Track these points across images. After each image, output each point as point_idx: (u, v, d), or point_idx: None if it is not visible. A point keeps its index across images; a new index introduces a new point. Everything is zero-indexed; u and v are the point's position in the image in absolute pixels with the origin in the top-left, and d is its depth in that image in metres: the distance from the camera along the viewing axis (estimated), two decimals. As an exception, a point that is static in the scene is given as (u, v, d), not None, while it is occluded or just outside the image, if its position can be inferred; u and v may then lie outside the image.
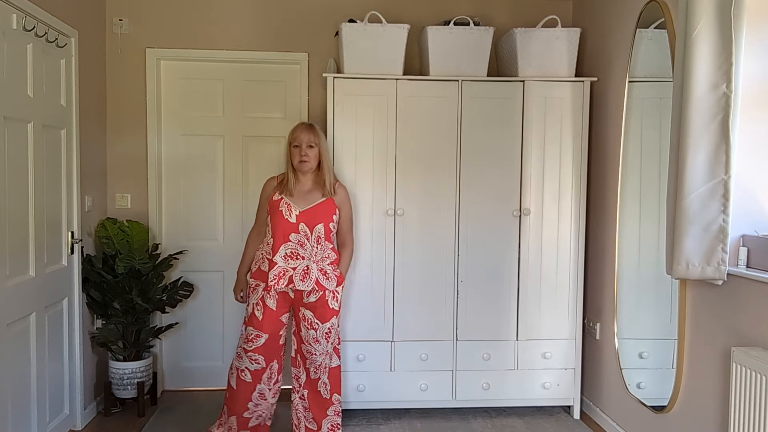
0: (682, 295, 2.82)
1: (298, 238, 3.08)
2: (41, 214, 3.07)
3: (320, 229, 3.10)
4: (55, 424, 3.24)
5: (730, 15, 2.35)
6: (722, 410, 2.53)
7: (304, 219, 3.09)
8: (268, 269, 3.09)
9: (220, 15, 3.98)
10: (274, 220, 3.10)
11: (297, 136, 3.12)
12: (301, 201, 3.12)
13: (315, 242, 3.10)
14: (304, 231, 3.08)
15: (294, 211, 3.09)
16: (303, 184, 3.16)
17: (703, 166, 2.43)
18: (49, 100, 3.15)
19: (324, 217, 3.12)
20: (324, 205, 3.13)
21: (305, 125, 3.16)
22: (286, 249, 3.08)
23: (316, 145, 3.13)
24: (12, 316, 2.79)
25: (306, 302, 3.13)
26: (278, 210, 3.10)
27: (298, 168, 3.12)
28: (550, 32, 3.58)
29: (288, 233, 3.08)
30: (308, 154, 3.11)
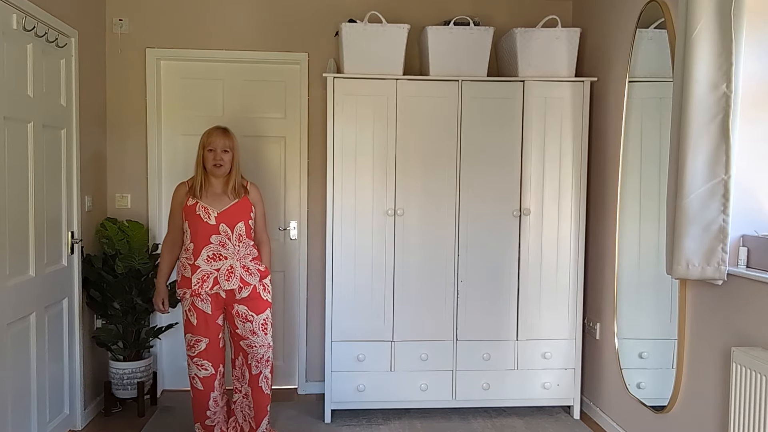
0: (682, 295, 2.82)
1: (220, 239, 3.09)
2: (41, 214, 3.07)
3: (241, 227, 3.13)
4: (55, 424, 3.24)
5: (730, 15, 2.35)
6: (722, 410, 2.53)
7: (223, 219, 3.10)
8: (191, 274, 3.09)
9: (220, 15, 3.98)
10: (193, 224, 3.09)
11: (212, 141, 3.12)
12: (216, 203, 3.13)
13: (237, 241, 3.12)
14: (225, 231, 3.10)
15: (212, 213, 3.09)
16: (215, 186, 3.16)
17: (703, 166, 2.43)
18: (49, 100, 3.15)
19: (243, 215, 3.16)
20: (240, 204, 3.17)
21: (220, 130, 3.17)
22: (208, 251, 3.08)
23: (230, 149, 3.14)
24: (12, 316, 2.79)
25: (238, 298, 3.14)
26: (195, 214, 3.09)
27: (212, 172, 3.12)
28: (550, 32, 3.58)
29: (209, 235, 3.08)
30: (223, 159, 3.11)
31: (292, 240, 4.15)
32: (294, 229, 4.14)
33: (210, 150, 3.12)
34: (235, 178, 3.17)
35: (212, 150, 3.11)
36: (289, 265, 4.17)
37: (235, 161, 3.17)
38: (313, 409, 3.83)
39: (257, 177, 4.15)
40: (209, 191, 3.15)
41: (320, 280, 4.07)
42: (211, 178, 3.16)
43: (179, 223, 3.19)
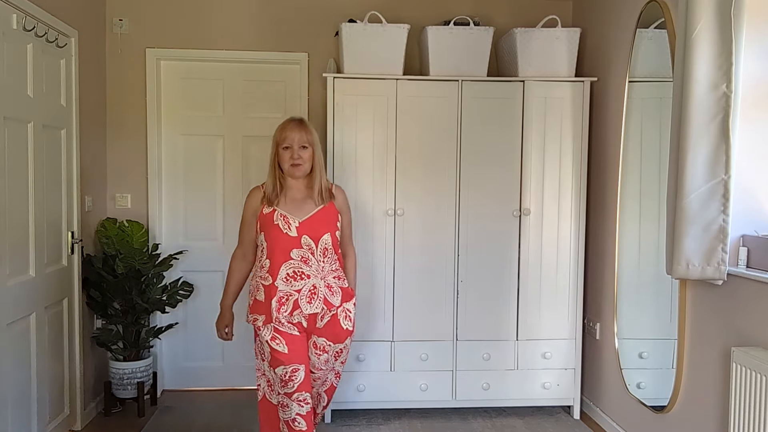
0: (682, 295, 2.81)
1: (302, 254, 2.64)
2: (41, 214, 3.07)
3: (327, 239, 2.69)
4: (55, 424, 3.24)
5: (730, 15, 2.35)
6: (722, 410, 2.53)
7: (306, 230, 2.66)
8: (266, 297, 2.64)
9: (220, 15, 3.98)
10: (271, 236, 2.65)
11: (287, 136, 2.68)
12: (298, 210, 2.70)
13: (321, 255, 2.67)
14: (308, 244, 2.65)
15: (293, 222, 2.65)
16: (294, 190, 2.74)
17: (703, 166, 2.43)
18: (49, 100, 3.15)
19: (329, 225, 2.72)
20: (325, 211, 2.74)
21: (296, 122, 2.72)
22: (288, 268, 2.63)
23: (309, 144, 2.69)
24: (12, 316, 2.79)
25: (319, 326, 2.73)
26: (273, 224, 2.65)
27: (290, 173, 2.70)
28: (550, 32, 3.58)
29: (289, 249, 2.63)
30: (302, 157, 2.68)
31: (292, 240, 4.14)
32: (294, 229, 4.14)
33: (286, 147, 2.68)
34: (320, 179, 2.72)
35: (288, 147, 2.68)
36: (289, 265, 4.16)
37: (316, 159, 2.72)
38: (313, 409, 3.83)
39: (257, 177, 4.15)
40: (288, 196, 2.71)
41: (320, 280, 4.07)
42: (289, 180, 2.72)
43: (252, 236, 2.77)
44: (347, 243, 2.91)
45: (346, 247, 2.90)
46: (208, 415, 3.71)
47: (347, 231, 2.89)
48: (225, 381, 4.16)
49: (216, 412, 3.75)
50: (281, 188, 2.71)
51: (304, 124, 2.73)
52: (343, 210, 2.84)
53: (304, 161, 2.69)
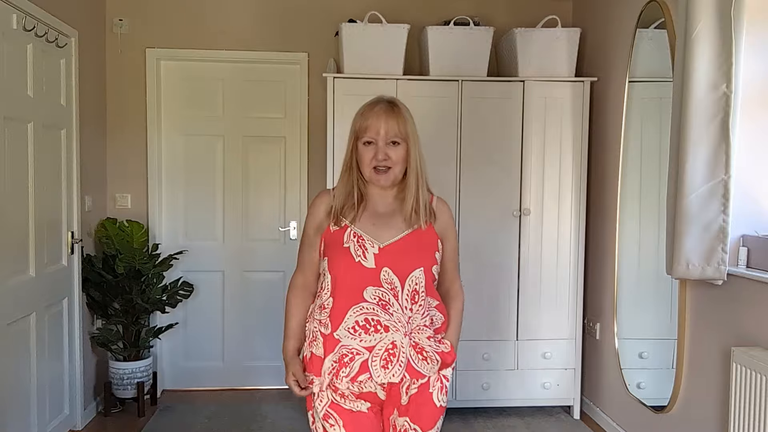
0: (682, 295, 2.81)
1: (380, 294, 1.79)
2: (41, 214, 3.07)
3: (419, 277, 1.82)
4: (55, 424, 3.24)
5: (730, 15, 2.35)
6: (722, 410, 2.53)
7: (389, 261, 1.80)
8: (324, 351, 1.81)
9: (220, 15, 3.98)
10: (338, 266, 1.82)
11: (371, 125, 1.84)
12: (380, 230, 1.84)
13: (409, 300, 1.80)
14: (390, 282, 1.79)
15: (371, 247, 1.81)
16: (378, 202, 1.89)
17: (703, 166, 2.43)
18: (49, 100, 3.15)
19: (423, 256, 1.85)
20: (420, 236, 1.86)
21: (384, 105, 1.88)
22: (359, 315, 1.78)
23: (403, 139, 1.85)
24: (12, 316, 2.79)
25: (403, 403, 1.86)
26: (343, 248, 1.82)
27: (373, 179, 1.85)
28: (550, 32, 3.58)
29: (362, 287, 1.79)
30: (390, 158, 1.82)
31: (292, 240, 4.14)
32: (294, 229, 4.14)
33: (367, 142, 1.84)
34: (416, 189, 1.86)
35: (371, 142, 1.84)
36: (289, 266, 4.14)
37: (412, 160, 1.85)
38: (313, 409, 3.82)
39: (257, 177, 4.15)
40: (368, 209, 1.88)
41: (320, 280, 4.06)
42: (372, 187, 1.89)
43: (314, 258, 1.92)
44: (452, 278, 2.01)
45: (449, 283, 2.00)
46: (208, 415, 3.71)
47: (452, 262, 2.01)
48: (225, 381, 4.16)
49: (216, 412, 3.75)
50: (360, 198, 1.87)
51: (397, 108, 1.87)
52: (446, 234, 1.96)
53: (393, 164, 1.82)
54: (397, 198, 1.90)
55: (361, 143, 1.86)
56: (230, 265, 4.14)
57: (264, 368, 4.16)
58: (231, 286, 4.14)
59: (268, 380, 4.17)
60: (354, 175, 1.89)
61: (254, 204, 4.14)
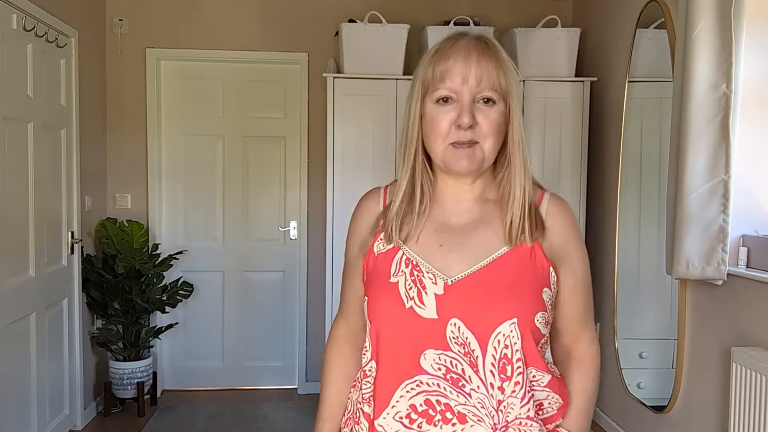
0: (682, 295, 2.81)
1: (448, 363, 1.09)
2: (41, 214, 3.07)
3: (510, 335, 1.08)
4: (55, 424, 3.24)
5: (730, 15, 2.35)
6: (722, 410, 2.53)
7: (458, 307, 1.09)
8: None
9: (220, 15, 3.98)
10: (377, 310, 1.14)
11: (452, 69, 1.10)
12: (452, 253, 1.13)
13: (496, 372, 1.09)
14: (464, 343, 1.09)
15: (431, 284, 1.11)
16: (451, 207, 1.18)
17: (703, 166, 2.43)
18: (49, 100, 3.15)
19: (518, 298, 1.10)
20: (517, 261, 1.13)
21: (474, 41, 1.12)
22: (414, 395, 1.10)
23: (501, 97, 1.11)
24: (12, 316, 2.79)
25: None
26: (387, 283, 1.13)
27: (448, 161, 1.12)
28: (550, 32, 3.58)
29: (417, 349, 1.10)
30: (480, 123, 1.09)
31: (292, 240, 4.15)
32: (294, 229, 4.14)
33: (444, 99, 1.10)
34: (519, 180, 1.16)
35: (449, 99, 1.10)
36: (289, 265, 4.16)
37: (516, 132, 1.14)
38: (313, 409, 3.81)
39: (257, 177, 4.14)
40: (434, 218, 1.17)
41: (320, 280, 4.06)
42: (443, 181, 1.18)
43: (360, 293, 1.21)
44: (577, 331, 1.23)
45: (572, 339, 1.23)
46: (208, 415, 3.71)
47: (577, 304, 1.22)
48: (225, 381, 4.16)
49: (216, 412, 3.75)
50: (423, 200, 1.16)
51: (493, 47, 1.12)
52: (566, 255, 1.17)
53: (484, 135, 1.10)
54: (481, 198, 1.16)
55: (432, 102, 1.11)
56: (230, 265, 4.14)
57: (264, 368, 4.16)
58: (231, 286, 4.14)
59: (268, 380, 4.17)
60: (419, 160, 1.15)
61: (254, 204, 4.14)
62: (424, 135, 1.14)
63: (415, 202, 1.16)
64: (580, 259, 1.20)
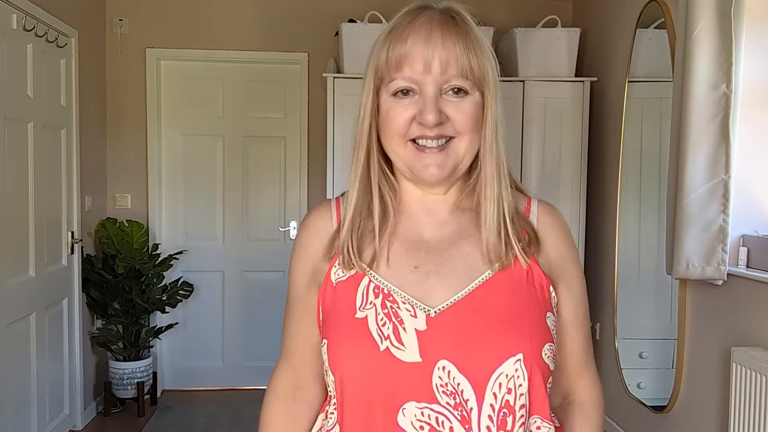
0: (682, 295, 2.81)
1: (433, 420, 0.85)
2: (41, 214, 3.07)
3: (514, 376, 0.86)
4: (55, 424, 3.24)
5: (730, 15, 2.35)
6: (722, 410, 2.53)
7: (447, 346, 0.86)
8: None
9: (220, 15, 3.98)
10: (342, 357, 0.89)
11: (409, 53, 0.88)
12: (431, 278, 0.91)
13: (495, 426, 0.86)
14: (453, 391, 0.85)
15: (410, 318, 0.88)
16: (422, 219, 0.96)
17: (703, 166, 2.43)
18: (49, 100, 3.15)
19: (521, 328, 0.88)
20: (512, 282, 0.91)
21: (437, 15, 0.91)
22: None
23: (475, 84, 0.89)
24: (12, 316, 2.79)
25: None
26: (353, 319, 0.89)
27: (412, 166, 0.91)
28: (550, 32, 3.58)
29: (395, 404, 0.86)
30: (451, 117, 0.88)
31: (292, 240, 4.15)
32: (294, 229, 4.14)
33: (403, 92, 0.89)
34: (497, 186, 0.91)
35: (409, 91, 0.89)
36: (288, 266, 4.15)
37: (489, 128, 0.90)
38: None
39: (257, 177, 4.14)
40: (402, 234, 0.95)
41: (320, 280, 4.07)
42: (408, 190, 0.98)
43: (311, 335, 0.99)
44: (579, 367, 1.05)
45: (573, 378, 1.05)
46: (208, 415, 3.71)
47: (577, 331, 1.01)
48: (225, 381, 4.16)
49: (216, 412, 3.75)
50: (384, 212, 0.97)
51: (461, 22, 0.94)
52: (564, 272, 0.98)
53: (457, 131, 0.89)
54: (458, 207, 0.97)
55: (389, 94, 0.91)
56: (230, 265, 4.14)
57: (264, 368, 4.16)
58: (231, 286, 4.14)
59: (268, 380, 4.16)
60: (374, 165, 0.99)
61: (254, 204, 4.14)
62: (380, 135, 0.94)
63: (374, 214, 0.94)
64: (578, 279, 1.00)
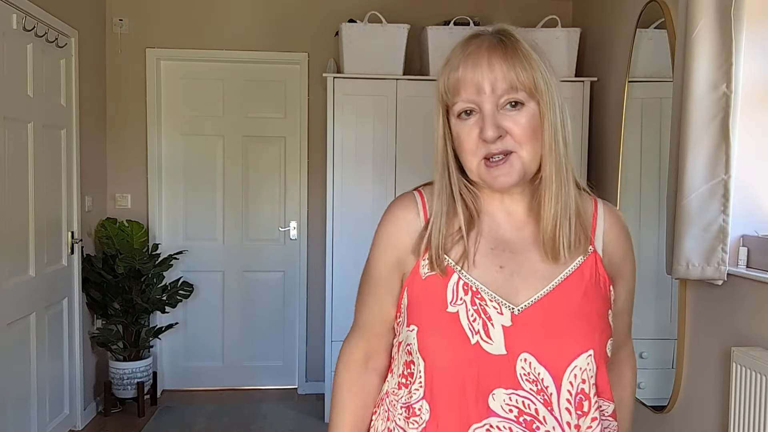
0: (682, 295, 2.81)
1: (520, 404, 0.98)
2: (41, 214, 3.07)
3: (586, 368, 0.99)
4: (55, 424, 3.24)
5: (730, 15, 2.35)
6: (722, 410, 2.53)
7: (530, 341, 0.98)
8: None
9: (220, 15, 3.98)
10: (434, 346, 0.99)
11: (465, 78, 0.98)
12: (515, 276, 1.02)
13: (573, 409, 0.99)
14: (536, 379, 0.98)
15: (497, 315, 0.98)
16: (502, 220, 1.06)
17: (703, 166, 2.43)
18: (49, 100, 3.15)
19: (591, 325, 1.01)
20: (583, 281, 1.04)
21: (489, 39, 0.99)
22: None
23: (529, 95, 0.98)
24: (12, 316, 2.79)
25: None
26: (445, 313, 0.99)
27: (485, 179, 1.00)
28: (550, 32, 3.58)
29: (485, 390, 0.98)
30: (509, 130, 0.97)
31: (292, 240, 4.15)
32: (294, 229, 4.14)
33: (466, 113, 0.99)
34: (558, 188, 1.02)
35: (472, 111, 0.99)
36: (289, 265, 4.16)
37: (546, 133, 0.99)
38: (313, 409, 3.82)
39: (257, 177, 4.15)
40: (486, 234, 1.04)
41: (320, 280, 4.06)
42: (488, 195, 1.06)
43: (388, 314, 1.10)
44: (623, 340, 1.30)
45: (617, 347, 1.20)
46: (208, 415, 3.71)
47: (625, 316, 1.29)
48: (225, 381, 4.16)
49: (216, 412, 3.75)
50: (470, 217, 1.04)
51: (512, 41, 0.99)
52: (621, 269, 1.20)
53: (516, 143, 0.99)
54: (532, 210, 1.05)
55: (455, 117, 1.00)
56: (230, 265, 4.14)
57: (264, 368, 4.17)
58: (231, 286, 4.14)
59: (268, 380, 4.17)
60: (454, 179, 1.04)
61: (254, 204, 4.14)
62: (457, 152, 1.03)
63: (460, 218, 1.03)
64: (633, 275, 1.20)
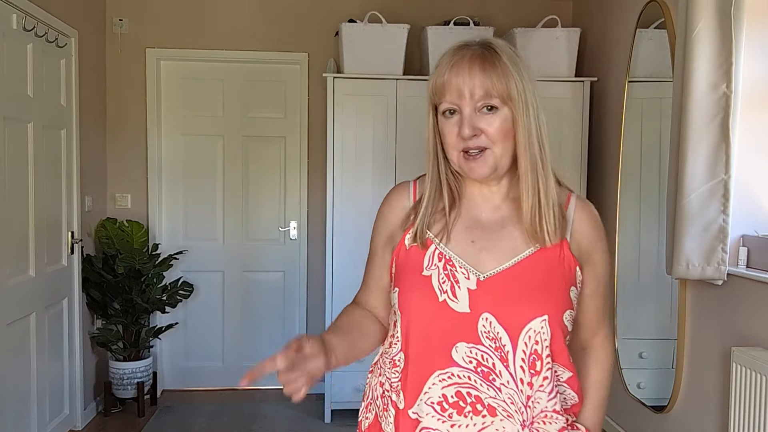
0: (682, 295, 2.81)
1: (479, 357, 1.15)
2: (41, 214, 3.07)
3: (540, 332, 1.15)
4: (55, 424, 3.24)
5: (730, 15, 2.35)
6: (722, 410, 2.53)
7: (491, 303, 1.16)
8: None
9: (220, 15, 3.98)
10: (409, 303, 1.20)
11: (449, 83, 1.18)
12: (484, 251, 1.20)
13: (527, 368, 1.15)
14: (495, 337, 1.15)
15: (464, 279, 1.17)
16: (481, 205, 1.25)
17: (703, 166, 2.43)
18: (49, 100, 3.15)
19: (548, 295, 1.17)
20: (546, 260, 1.20)
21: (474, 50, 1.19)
22: (447, 385, 1.16)
23: (502, 101, 1.16)
24: (12, 316, 2.79)
25: None
26: (420, 276, 1.20)
27: (463, 168, 1.20)
28: (550, 32, 3.58)
29: (448, 342, 1.16)
30: (484, 130, 1.16)
31: (292, 240, 4.15)
32: (294, 229, 4.14)
33: (450, 112, 1.20)
34: (534, 182, 1.21)
35: (454, 111, 1.19)
36: (289, 265, 4.16)
37: (520, 134, 1.17)
38: (313, 409, 3.82)
39: (257, 177, 4.15)
40: (465, 216, 1.24)
41: (320, 280, 4.06)
42: (471, 183, 1.25)
43: (384, 280, 1.32)
44: (595, 327, 1.30)
45: (589, 334, 1.31)
46: (208, 415, 3.71)
47: (596, 300, 1.28)
48: (225, 381, 4.16)
49: (216, 412, 3.75)
50: (453, 199, 1.25)
51: (492, 53, 1.17)
52: (590, 256, 1.25)
53: (490, 142, 1.16)
54: (508, 197, 1.23)
55: (441, 114, 1.21)
56: (230, 265, 4.14)
57: (264, 368, 4.16)
58: (231, 286, 4.14)
59: (268, 380, 4.15)
60: (441, 164, 1.26)
61: (254, 204, 4.14)
62: (442, 145, 1.26)
63: (444, 201, 1.24)
64: (603, 263, 1.28)
